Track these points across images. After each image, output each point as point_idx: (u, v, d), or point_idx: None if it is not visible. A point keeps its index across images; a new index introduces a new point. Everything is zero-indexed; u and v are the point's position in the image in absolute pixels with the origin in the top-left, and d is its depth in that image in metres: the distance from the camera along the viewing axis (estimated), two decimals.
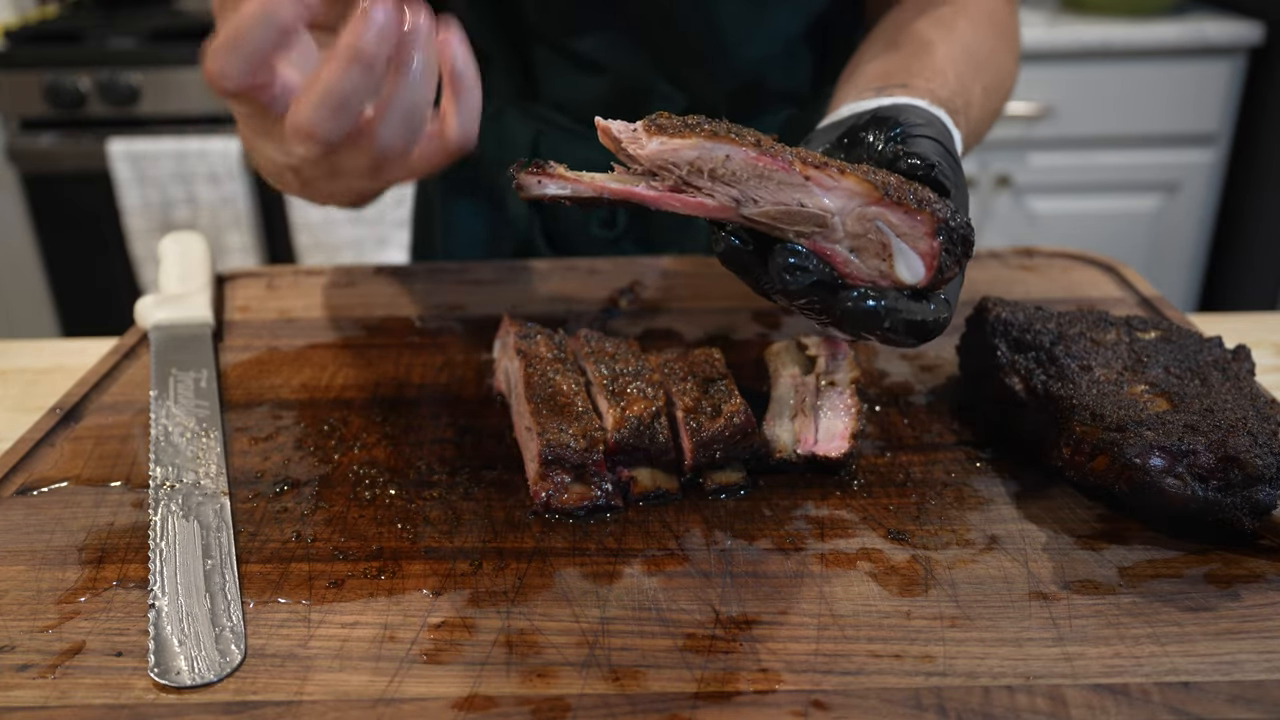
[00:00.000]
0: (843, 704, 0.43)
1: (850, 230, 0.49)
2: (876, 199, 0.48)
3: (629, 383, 0.59)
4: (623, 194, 0.50)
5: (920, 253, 0.49)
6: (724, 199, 0.49)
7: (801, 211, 0.49)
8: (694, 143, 0.49)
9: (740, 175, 0.49)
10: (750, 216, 0.49)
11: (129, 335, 0.77)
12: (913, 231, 0.48)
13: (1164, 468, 0.52)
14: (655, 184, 0.50)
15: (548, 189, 0.49)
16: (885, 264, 0.49)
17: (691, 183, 0.49)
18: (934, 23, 0.75)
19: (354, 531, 0.55)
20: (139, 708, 0.44)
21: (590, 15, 0.86)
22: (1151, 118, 2.11)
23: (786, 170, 0.48)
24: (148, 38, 2.16)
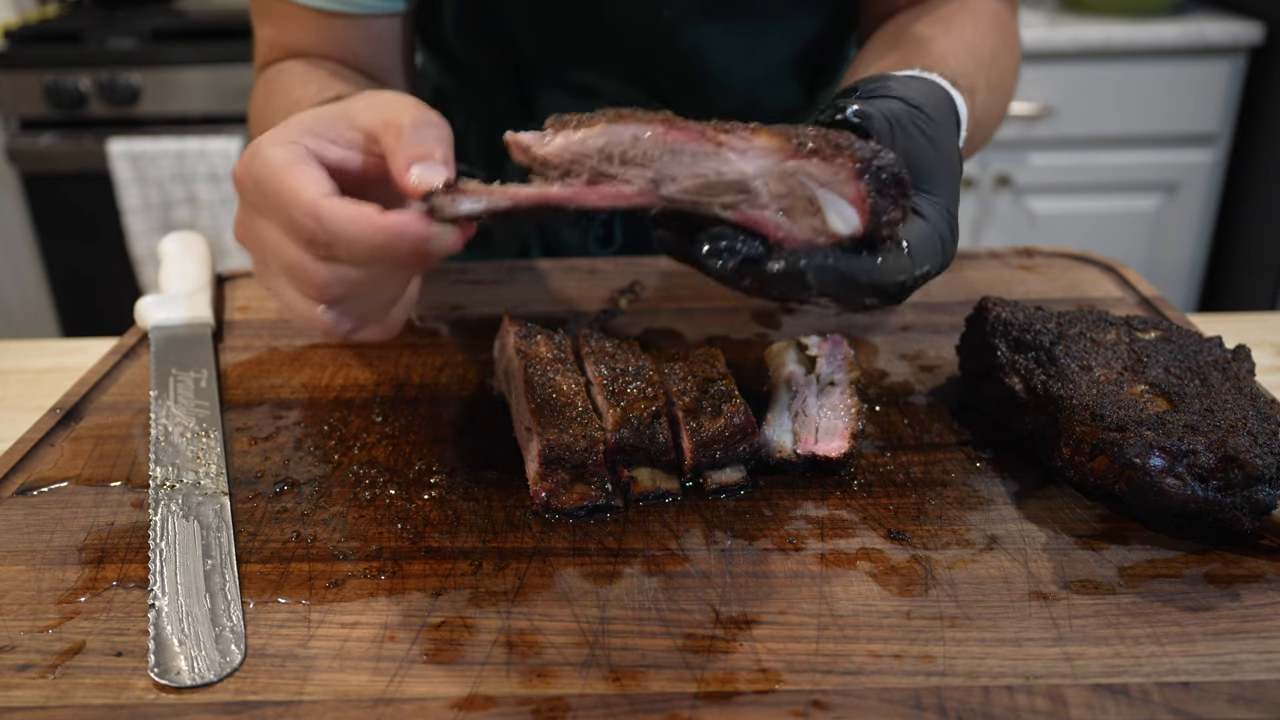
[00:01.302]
0: (843, 704, 0.43)
1: (775, 191, 0.47)
2: (790, 152, 0.46)
3: (629, 383, 0.59)
4: (538, 198, 0.48)
5: (849, 199, 0.46)
6: (641, 183, 0.48)
7: (720, 180, 0.47)
8: (599, 129, 0.47)
9: (653, 154, 0.47)
10: (671, 196, 0.48)
11: (129, 335, 0.77)
12: (835, 179, 0.46)
13: (1164, 468, 0.52)
14: (571, 182, 0.49)
15: (462, 206, 0.48)
16: (817, 220, 0.47)
17: (605, 173, 0.48)
18: (932, 22, 0.75)
19: (354, 531, 0.55)
20: (139, 708, 0.44)
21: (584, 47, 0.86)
22: (1151, 118, 2.11)
23: (697, 140, 0.47)
24: (148, 38, 2.16)
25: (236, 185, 0.54)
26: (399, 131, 0.50)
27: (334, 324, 0.52)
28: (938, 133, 0.54)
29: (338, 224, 0.48)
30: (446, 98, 0.98)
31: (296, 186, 0.49)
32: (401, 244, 0.47)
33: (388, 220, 0.47)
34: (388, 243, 0.47)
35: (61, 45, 2.17)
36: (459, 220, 0.48)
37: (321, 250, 0.49)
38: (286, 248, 0.51)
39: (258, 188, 0.51)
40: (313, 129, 0.53)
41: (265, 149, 0.51)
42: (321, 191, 0.49)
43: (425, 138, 0.50)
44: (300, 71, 0.78)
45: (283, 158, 0.50)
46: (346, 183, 0.52)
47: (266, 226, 0.52)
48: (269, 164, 0.50)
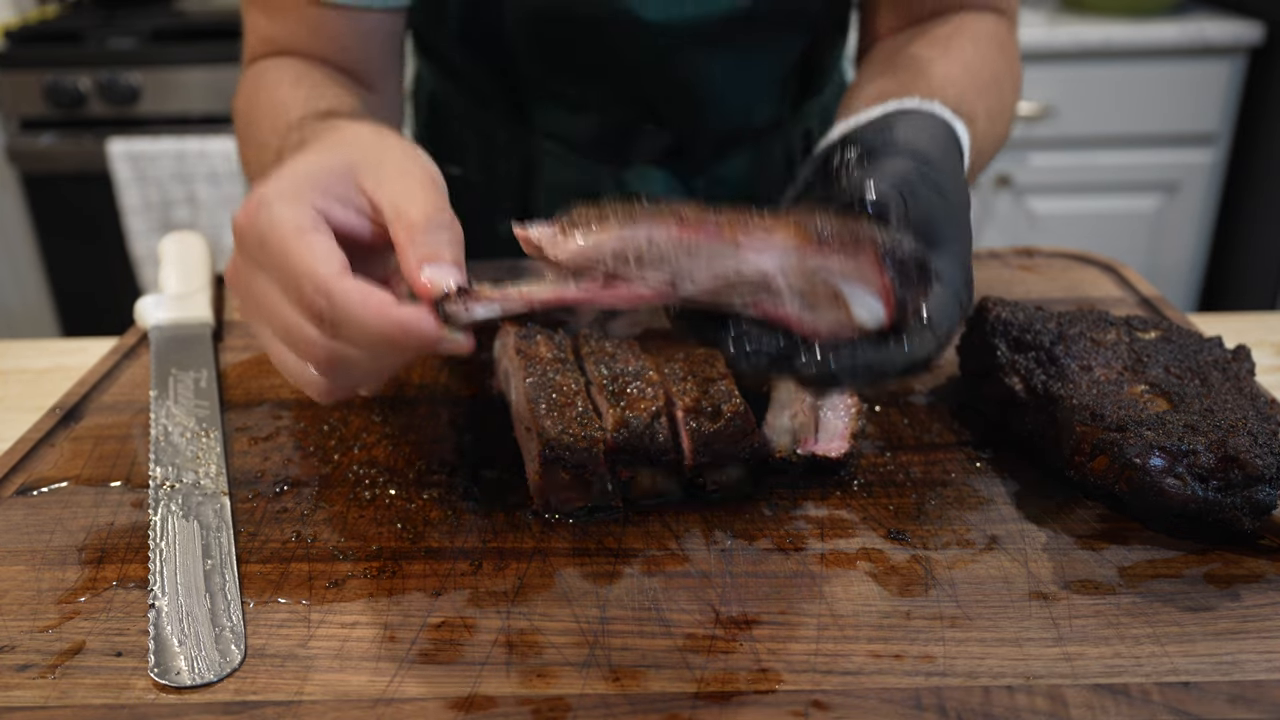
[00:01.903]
0: (843, 704, 0.43)
1: (796, 285, 0.46)
2: (812, 245, 0.45)
3: (629, 383, 0.59)
4: (553, 301, 0.48)
5: (873, 291, 0.46)
6: (658, 283, 0.47)
7: (740, 279, 0.46)
8: (613, 231, 0.47)
9: (669, 254, 0.46)
10: (690, 295, 0.47)
11: (129, 335, 0.77)
12: (859, 272, 0.45)
13: (1164, 468, 0.52)
14: (586, 285, 0.48)
15: (476, 312, 0.47)
16: (841, 312, 0.46)
17: (621, 274, 0.47)
18: (931, 43, 0.73)
19: (354, 531, 0.55)
20: (139, 708, 0.44)
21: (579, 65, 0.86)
22: (1151, 118, 2.10)
23: (713, 239, 0.46)
24: (148, 38, 2.16)
25: (236, 235, 0.51)
26: (409, 229, 0.49)
27: (325, 389, 0.51)
28: (945, 181, 0.53)
29: (350, 308, 0.46)
30: (442, 104, 0.98)
31: (310, 259, 0.47)
32: (410, 340, 0.46)
33: (401, 315, 0.46)
34: (398, 337, 0.46)
35: (61, 45, 2.17)
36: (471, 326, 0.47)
37: (326, 328, 0.47)
38: (287, 312, 0.49)
39: (262, 247, 0.49)
40: (321, 185, 0.51)
41: (274, 206, 0.49)
42: (335, 269, 0.47)
43: (437, 240, 0.49)
44: (290, 71, 0.76)
45: (293, 221, 0.48)
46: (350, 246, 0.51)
47: (267, 284, 0.50)
48: (277, 225, 0.48)
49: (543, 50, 0.85)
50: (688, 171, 0.92)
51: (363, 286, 0.47)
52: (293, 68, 0.77)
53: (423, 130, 1.03)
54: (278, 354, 0.52)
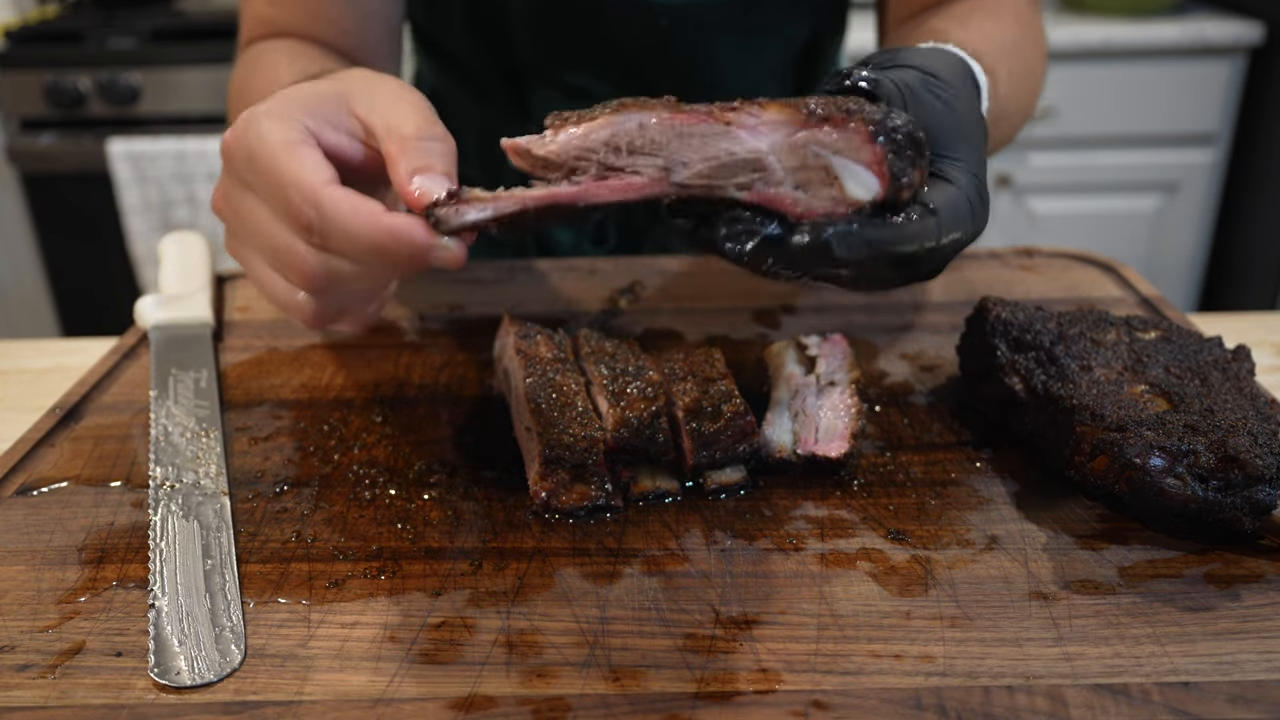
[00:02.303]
0: (843, 704, 0.43)
1: (789, 165, 0.46)
2: (801, 122, 0.45)
3: (629, 383, 0.59)
4: (546, 199, 0.47)
5: (865, 163, 0.45)
6: (652, 171, 0.46)
7: (733, 160, 0.46)
8: (602, 121, 0.46)
9: (661, 141, 0.46)
10: (684, 182, 0.46)
11: (129, 335, 0.77)
12: (849, 144, 0.44)
13: (1164, 468, 0.52)
14: (578, 179, 0.47)
15: (467, 216, 0.46)
16: (835, 189, 0.45)
17: (613, 165, 0.46)
18: (948, 18, 0.73)
19: (354, 531, 0.55)
20: (139, 708, 0.44)
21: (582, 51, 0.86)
22: (1151, 118, 2.11)
23: (705, 121, 0.46)
24: (148, 38, 2.16)
25: (224, 154, 0.51)
26: (401, 141, 0.49)
27: (312, 312, 0.50)
28: (955, 97, 0.52)
29: (339, 216, 0.46)
30: (443, 100, 0.98)
31: (297, 169, 0.47)
32: (401, 248, 0.46)
33: (392, 221, 0.46)
34: (388, 245, 0.46)
35: (61, 45, 2.17)
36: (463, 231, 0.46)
37: (315, 238, 0.47)
38: (275, 228, 0.48)
39: (250, 162, 0.48)
40: (311, 108, 0.50)
41: (262, 121, 0.48)
42: (324, 178, 0.47)
43: (429, 150, 0.48)
44: (286, 52, 0.76)
45: (282, 135, 0.48)
46: (342, 171, 0.50)
47: (254, 203, 0.49)
48: (266, 140, 0.48)
49: (545, 36, 0.85)
50: None
51: (352, 195, 0.46)
52: (289, 48, 0.77)
53: None
54: (265, 279, 0.51)
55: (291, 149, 0.48)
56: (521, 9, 0.84)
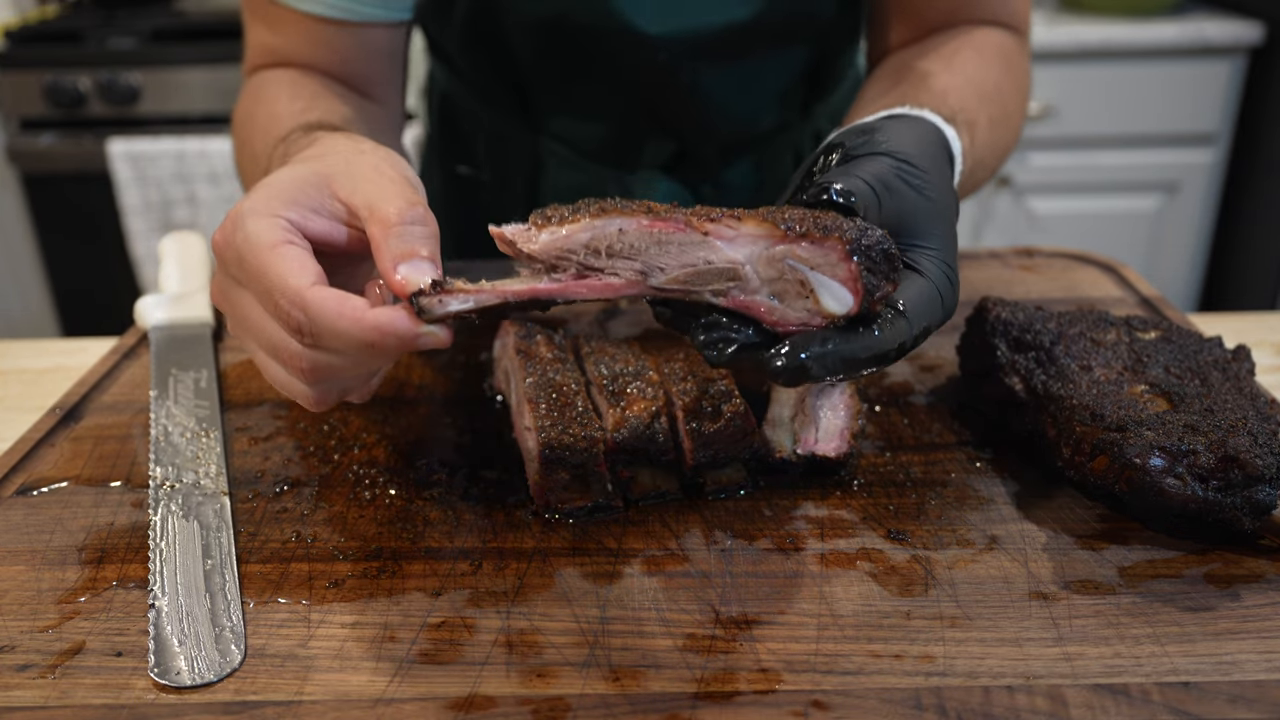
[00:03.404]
0: (843, 704, 0.43)
1: (765, 276, 0.47)
2: (779, 237, 0.46)
3: (629, 383, 0.59)
4: (527, 294, 0.48)
5: (840, 280, 0.46)
6: (630, 274, 0.48)
7: (710, 269, 0.47)
8: (583, 224, 0.48)
9: (639, 246, 0.48)
10: (661, 286, 0.48)
11: (129, 335, 0.77)
12: (826, 260, 0.46)
13: (1164, 468, 0.52)
14: (558, 277, 0.49)
15: (450, 306, 0.47)
16: (810, 301, 0.47)
17: (593, 266, 0.48)
18: (935, 57, 0.73)
19: (354, 531, 0.55)
20: (139, 708, 0.44)
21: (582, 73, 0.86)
22: (1151, 118, 2.10)
23: (683, 230, 0.47)
24: (148, 38, 2.16)
25: (216, 253, 0.52)
26: (384, 225, 0.49)
27: (315, 399, 0.52)
28: (927, 182, 0.54)
29: (325, 318, 0.47)
30: (454, 104, 0.98)
31: (284, 273, 0.48)
32: (389, 341, 0.47)
33: (377, 318, 0.46)
34: (376, 340, 0.47)
35: (61, 45, 2.17)
36: (446, 320, 0.47)
37: (307, 339, 0.48)
38: (269, 326, 0.50)
39: (240, 264, 0.50)
40: (294, 198, 0.51)
41: (247, 222, 0.50)
42: (308, 280, 0.48)
43: (411, 235, 0.49)
44: (287, 84, 0.76)
45: (266, 236, 0.49)
46: (329, 256, 0.52)
47: (249, 301, 0.51)
48: (252, 241, 0.49)
49: (546, 58, 0.85)
50: (695, 177, 0.92)
51: (337, 294, 0.47)
52: (290, 80, 0.77)
53: (435, 129, 1.03)
54: (265, 367, 0.52)
55: (276, 251, 0.49)
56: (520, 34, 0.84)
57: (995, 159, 0.74)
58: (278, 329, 0.49)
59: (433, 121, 1.04)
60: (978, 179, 0.72)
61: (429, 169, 1.06)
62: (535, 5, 0.80)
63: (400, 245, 0.48)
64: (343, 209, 0.52)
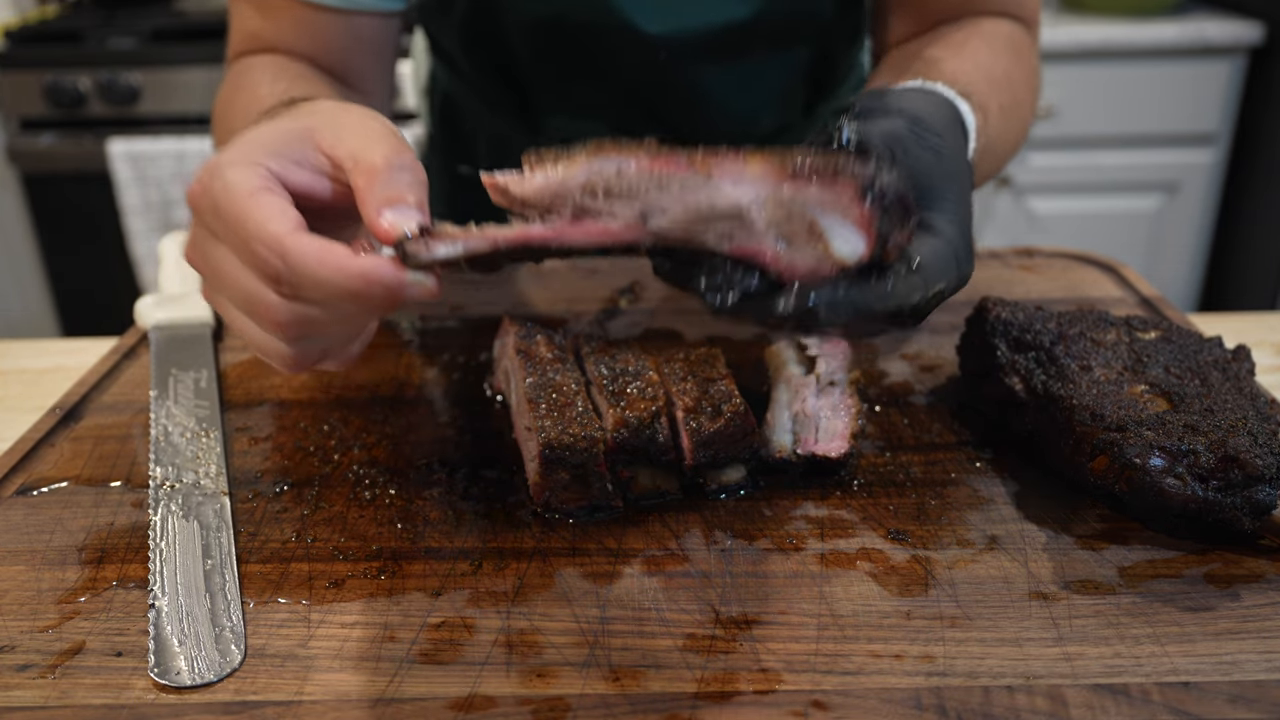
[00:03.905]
0: (843, 704, 0.43)
1: (772, 219, 0.44)
2: (787, 177, 0.43)
3: (629, 383, 0.59)
4: (518, 239, 0.46)
5: (853, 222, 0.43)
6: (628, 217, 0.45)
7: (713, 211, 0.44)
8: (579, 164, 0.45)
9: (639, 187, 0.45)
10: (661, 230, 0.45)
11: (129, 335, 0.77)
12: (837, 202, 0.43)
13: (1164, 468, 0.52)
14: (553, 220, 0.46)
15: (437, 251, 0.45)
16: (820, 246, 0.44)
17: (590, 209, 0.45)
18: (944, 45, 0.73)
19: (354, 531, 0.55)
20: (139, 708, 0.44)
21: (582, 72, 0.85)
22: (1151, 118, 2.10)
23: (685, 170, 0.44)
24: (148, 38, 2.16)
25: (191, 205, 0.50)
26: (370, 172, 0.47)
27: (292, 358, 0.49)
28: (942, 145, 0.52)
29: (305, 265, 0.44)
30: (455, 103, 0.98)
31: (261, 219, 0.46)
32: (373, 290, 0.45)
33: (360, 265, 0.44)
34: (360, 289, 0.44)
35: (61, 45, 2.17)
36: (433, 266, 0.45)
37: (286, 288, 0.46)
38: (246, 279, 0.47)
39: (216, 213, 0.47)
40: (275, 149, 0.49)
41: (225, 170, 0.48)
42: (288, 226, 0.46)
43: (398, 182, 0.47)
44: (270, 69, 0.75)
45: (245, 183, 0.47)
46: (311, 210, 0.49)
47: (224, 253, 0.48)
48: (230, 189, 0.47)
49: (545, 57, 0.85)
50: None
51: (318, 241, 0.45)
52: (274, 65, 0.76)
53: (437, 128, 1.03)
54: (241, 326, 0.50)
55: (255, 198, 0.46)
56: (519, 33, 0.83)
57: (1006, 147, 0.73)
58: (255, 281, 0.47)
59: (434, 121, 1.03)
60: (989, 165, 0.70)
61: (430, 168, 1.06)
62: (534, 4, 0.80)
63: (386, 190, 0.46)
64: (326, 162, 0.50)
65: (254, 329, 0.49)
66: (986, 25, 0.76)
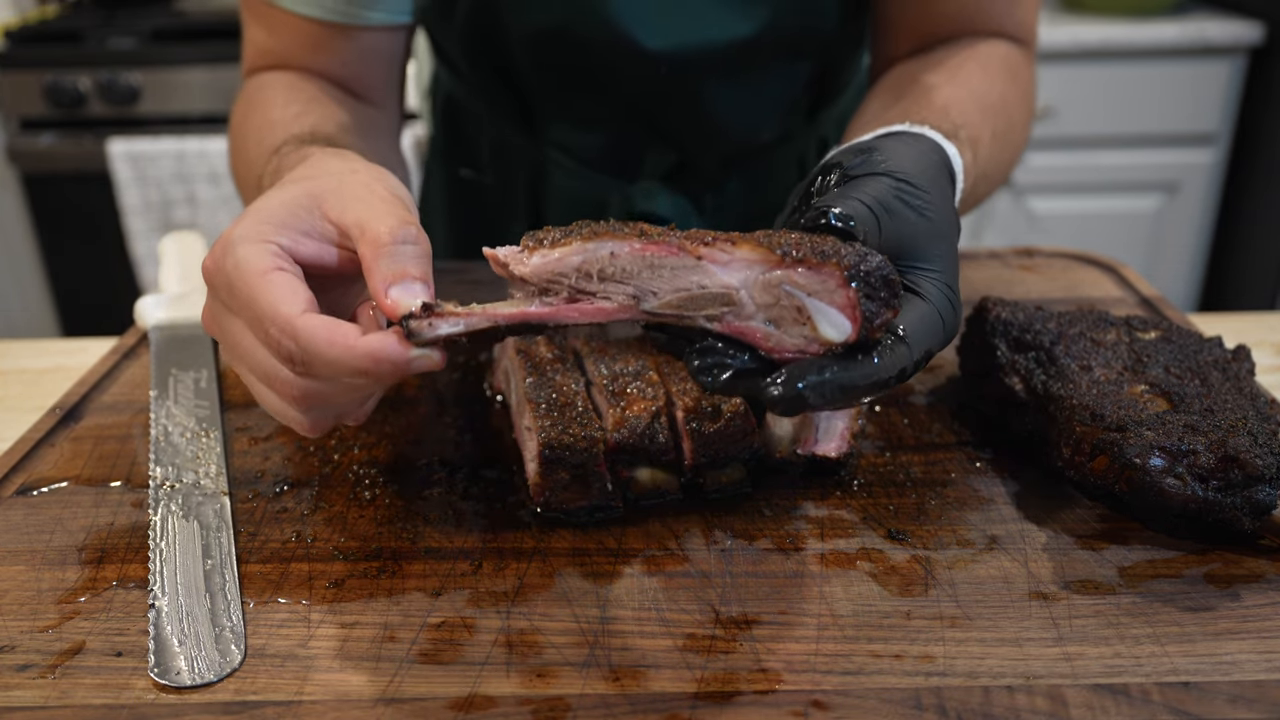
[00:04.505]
0: (843, 704, 0.43)
1: (760, 302, 0.46)
2: (776, 262, 0.45)
3: (629, 383, 0.59)
4: (517, 318, 0.48)
5: (839, 307, 0.45)
6: (622, 298, 0.47)
7: (704, 294, 0.46)
8: (575, 248, 0.47)
9: (632, 270, 0.47)
10: (654, 311, 0.47)
11: (129, 335, 0.77)
12: (823, 287, 0.45)
13: (1164, 468, 0.52)
14: (550, 300, 0.48)
15: (440, 329, 0.47)
16: (807, 328, 0.46)
17: (585, 289, 0.47)
18: (939, 69, 0.73)
19: (354, 531, 0.55)
20: (139, 708, 0.44)
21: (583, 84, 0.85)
22: (1151, 118, 2.11)
23: (676, 254, 0.46)
24: (148, 38, 2.16)
25: (206, 279, 0.52)
26: (375, 244, 0.49)
27: (310, 425, 0.51)
28: (928, 203, 0.53)
29: (316, 346, 0.46)
30: (459, 106, 0.98)
31: (273, 300, 0.47)
32: (381, 367, 0.46)
33: (368, 345, 0.46)
34: (368, 367, 0.46)
35: (61, 45, 2.17)
36: (436, 343, 0.47)
37: (299, 368, 0.48)
38: (260, 354, 0.49)
39: (230, 291, 0.49)
40: (284, 221, 0.51)
41: (237, 248, 0.49)
42: (298, 308, 0.47)
43: (403, 256, 0.48)
44: (283, 89, 0.76)
45: (257, 262, 0.49)
46: (320, 275, 0.51)
47: (240, 327, 0.50)
48: (242, 268, 0.49)
49: (546, 68, 0.85)
50: (697, 187, 0.92)
51: (328, 322, 0.47)
52: (286, 84, 0.77)
53: (439, 131, 1.03)
54: (260, 394, 0.52)
55: (266, 278, 0.48)
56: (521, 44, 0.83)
57: (1000, 172, 0.73)
58: (269, 357, 0.49)
59: (436, 123, 1.03)
60: (981, 193, 0.72)
61: (431, 170, 1.06)
62: (536, 16, 0.80)
63: (391, 266, 0.48)
64: (333, 230, 0.52)
65: (272, 397, 0.51)
66: (983, 47, 0.76)
